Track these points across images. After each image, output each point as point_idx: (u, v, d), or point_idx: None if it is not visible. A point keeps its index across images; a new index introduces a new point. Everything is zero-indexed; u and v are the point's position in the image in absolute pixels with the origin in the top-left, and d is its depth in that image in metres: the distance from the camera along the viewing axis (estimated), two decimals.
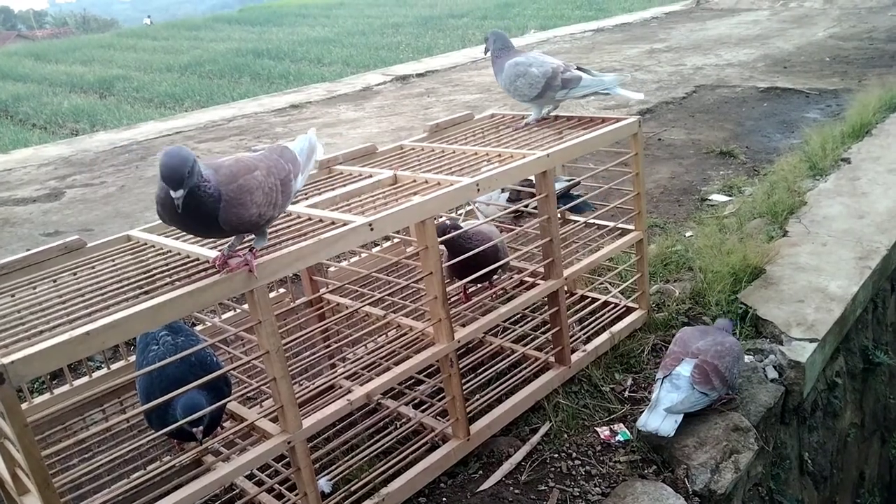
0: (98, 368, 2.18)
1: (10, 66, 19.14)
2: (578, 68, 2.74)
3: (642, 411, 2.44)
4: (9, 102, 14.17)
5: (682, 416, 2.27)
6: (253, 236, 1.69)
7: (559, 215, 2.50)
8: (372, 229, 1.87)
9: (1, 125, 12.42)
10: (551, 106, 2.78)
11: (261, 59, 16.43)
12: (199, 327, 2.27)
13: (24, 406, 1.89)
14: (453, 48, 13.26)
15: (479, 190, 2.14)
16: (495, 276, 2.60)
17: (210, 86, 14.15)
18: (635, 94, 2.86)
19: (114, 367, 2.14)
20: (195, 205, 1.48)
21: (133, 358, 2.03)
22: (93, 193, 5.20)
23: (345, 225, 1.85)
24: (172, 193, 1.43)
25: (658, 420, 2.25)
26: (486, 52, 2.84)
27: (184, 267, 1.73)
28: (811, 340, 2.71)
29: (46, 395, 2.03)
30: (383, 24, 20.69)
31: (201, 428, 1.68)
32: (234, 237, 1.69)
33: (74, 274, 1.87)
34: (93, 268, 1.89)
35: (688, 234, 3.70)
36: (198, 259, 1.75)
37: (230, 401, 1.77)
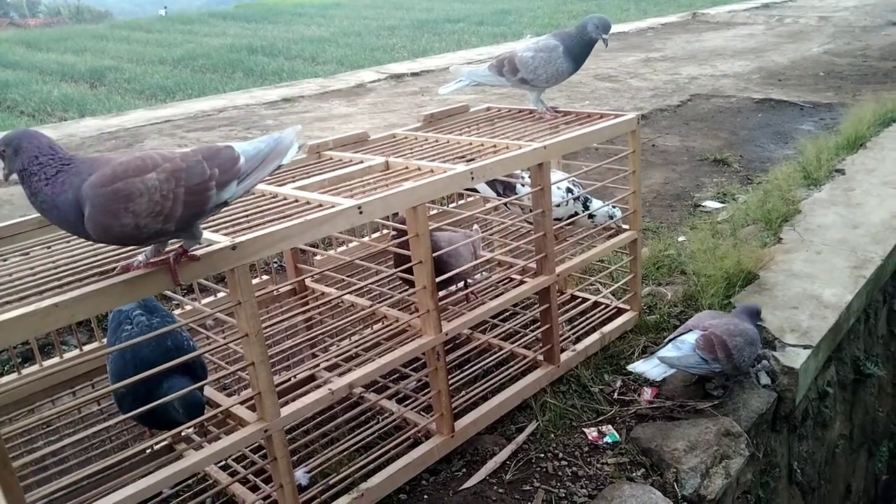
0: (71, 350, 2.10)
1: (1, 53, 18.90)
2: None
3: (631, 413, 2.40)
4: None
5: (672, 369, 2.32)
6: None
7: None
8: (361, 212, 1.80)
9: None
10: (536, 93, 2.69)
11: (255, 56, 16.29)
12: (177, 311, 2.19)
13: None
14: (449, 51, 13.20)
15: (472, 178, 2.08)
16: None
17: (202, 80, 14.00)
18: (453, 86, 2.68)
19: (86, 348, 2.06)
20: (51, 205, 1.32)
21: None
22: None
23: (333, 207, 1.79)
24: None
25: (648, 366, 2.34)
26: None
27: (161, 243, 1.65)
28: (805, 347, 2.66)
29: (13, 375, 1.94)
30: (379, 26, 20.61)
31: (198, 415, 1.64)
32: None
33: (49, 247, 1.79)
34: (68, 242, 1.81)
35: (680, 239, 3.65)
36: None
37: (205, 384, 1.69)
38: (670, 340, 2.41)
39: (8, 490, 1.30)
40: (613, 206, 2.72)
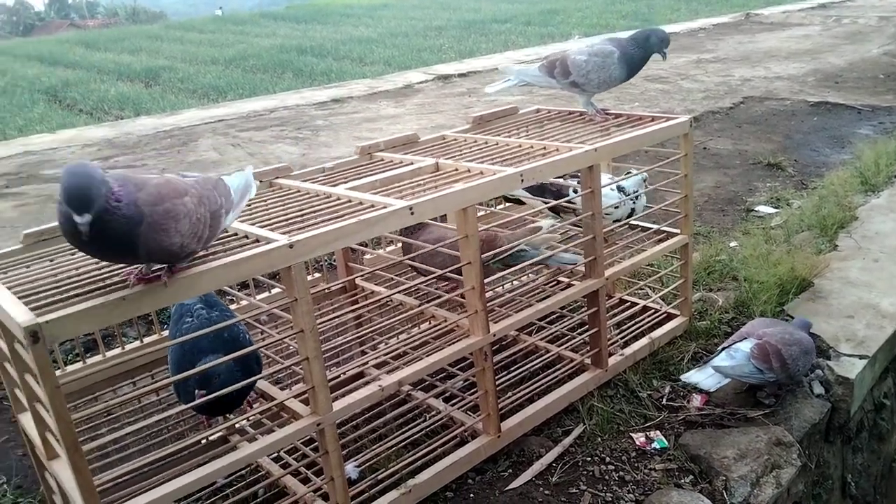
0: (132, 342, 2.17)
1: (62, 53, 19.56)
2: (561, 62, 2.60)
3: (680, 419, 2.37)
4: (58, 87, 14.45)
5: (727, 379, 2.31)
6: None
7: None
8: (412, 213, 1.83)
9: (49, 109, 12.67)
10: (586, 96, 2.67)
11: (304, 56, 16.53)
12: (233, 306, 2.25)
13: (56, 373, 1.88)
14: (496, 52, 13.19)
15: (522, 180, 2.09)
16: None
17: (253, 80, 14.27)
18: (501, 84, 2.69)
19: (146, 340, 2.13)
20: (106, 228, 1.26)
21: (166, 333, 2.01)
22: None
23: (385, 207, 1.82)
24: (77, 218, 1.22)
25: (702, 376, 2.32)
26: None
27: (221, 241, 1.71)
28: (861, 357, 2.59)
29: (78, 364, 2.03)
30: (426, 27, 20.69)
31: (203, 392, 1.61)
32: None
33: None
34: None
35: (732, 244, 3.59)
36: (236, 234, 1.73)
37: (259, 378, 1.74)
38: (724, 349, 2.38)
39: (78, 472, 1.36)
40: (638, 170, 2.67)
